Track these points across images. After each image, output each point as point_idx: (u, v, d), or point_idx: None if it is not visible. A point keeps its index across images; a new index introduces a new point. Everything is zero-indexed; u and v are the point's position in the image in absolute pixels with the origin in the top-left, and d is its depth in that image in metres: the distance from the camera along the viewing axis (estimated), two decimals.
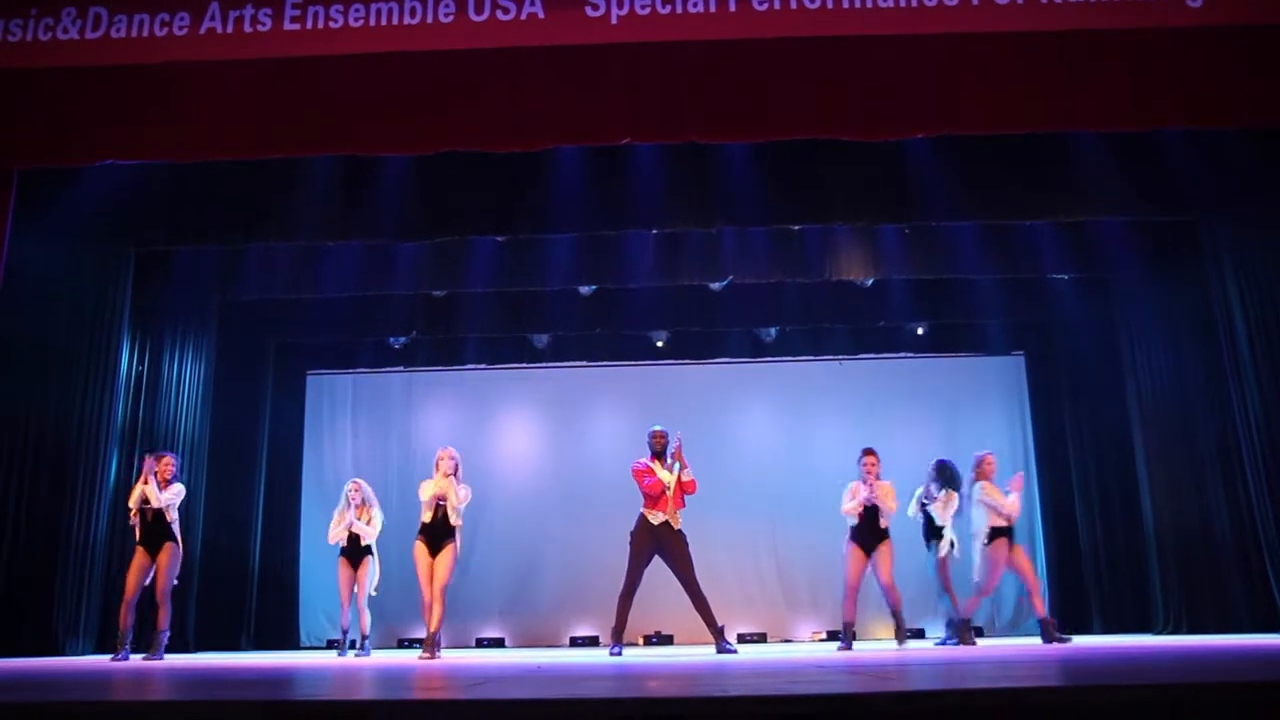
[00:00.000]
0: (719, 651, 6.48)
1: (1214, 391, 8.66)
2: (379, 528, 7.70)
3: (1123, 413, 9.64)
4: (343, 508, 7.70)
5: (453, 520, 6.65)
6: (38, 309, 7.84)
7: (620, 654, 6.48)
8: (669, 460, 6.86)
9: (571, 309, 10.06)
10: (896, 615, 6.94)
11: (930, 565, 7.45)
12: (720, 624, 6.72)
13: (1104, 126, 6.57)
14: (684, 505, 6.86)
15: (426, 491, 6.70)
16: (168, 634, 6.90)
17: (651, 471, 6.85)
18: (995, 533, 6.87)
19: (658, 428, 7.02)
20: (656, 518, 6.75)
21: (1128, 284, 9.71)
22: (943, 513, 7.31)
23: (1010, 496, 6.90)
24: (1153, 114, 6.13)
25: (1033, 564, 7.75)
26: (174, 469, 7.02)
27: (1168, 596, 8.97)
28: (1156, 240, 8.98)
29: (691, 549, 6.76)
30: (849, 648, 6.72)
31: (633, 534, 6.83)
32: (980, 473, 7.04)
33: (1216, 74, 5.98)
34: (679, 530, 6.78)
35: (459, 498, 6.67)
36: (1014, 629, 10.55)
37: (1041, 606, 7.05)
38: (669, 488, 6.77)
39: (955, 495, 7.31)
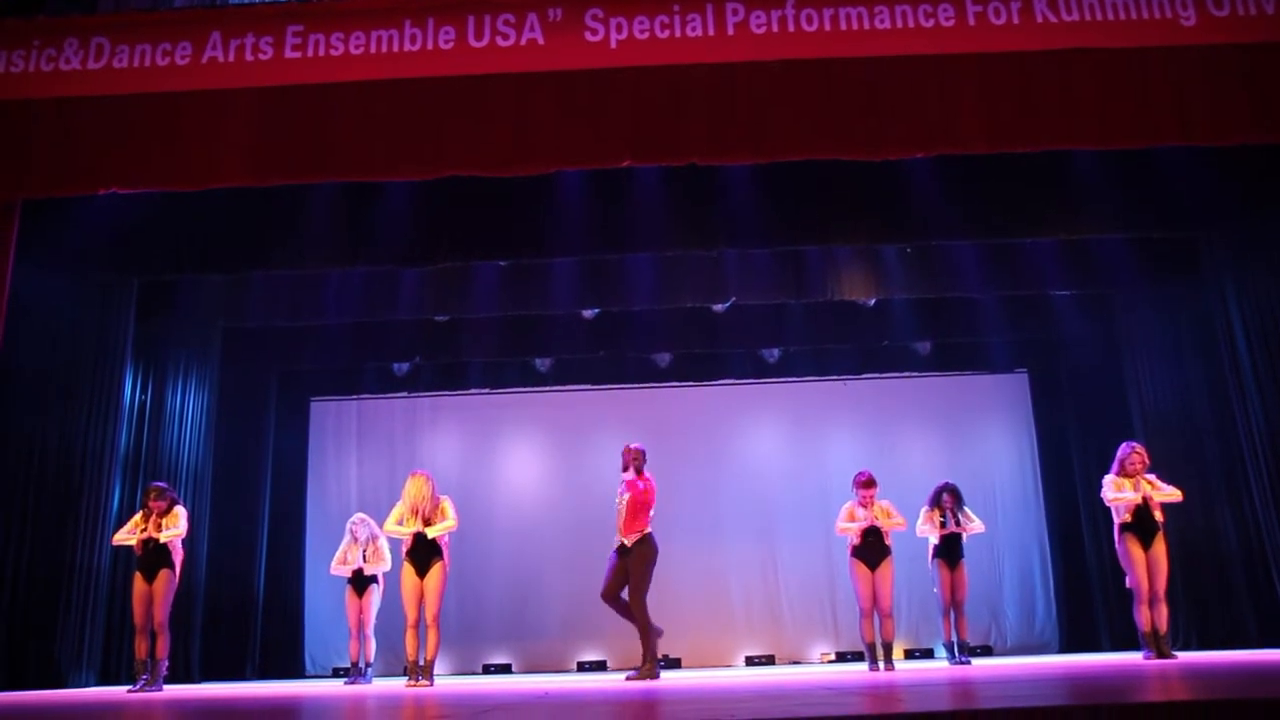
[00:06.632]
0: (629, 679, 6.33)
1: (1218, 406, 8.64)
2: (388, 560, 7.61)
3: (1127, 428, 9.58)
4: (347, 543, 7.65)
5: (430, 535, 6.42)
6: (41, 339, 7.85)
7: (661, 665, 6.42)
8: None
9: (574, 332, 10.07)
10: (887, 645, 6.74)
11: (937, 581, 7.38)
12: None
13: (1103, 144, 6.58)
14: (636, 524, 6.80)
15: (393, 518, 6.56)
16: (167, 664, 6.83)
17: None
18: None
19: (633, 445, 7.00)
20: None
21: (1129, 300, 9.71)
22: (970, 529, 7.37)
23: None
24: (1152, 132, 6.13)
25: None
26: (167, 500, 6.86)
27: (1175, 613, 8.90)
28: (1157, 256, 8.98)
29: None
30: (878, 668, 6.61)
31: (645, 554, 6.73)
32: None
33: (1213, 92, 6.00)
34: (632, 547, 6.72)
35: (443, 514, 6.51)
36: (1022, 647, 10.48)
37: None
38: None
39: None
